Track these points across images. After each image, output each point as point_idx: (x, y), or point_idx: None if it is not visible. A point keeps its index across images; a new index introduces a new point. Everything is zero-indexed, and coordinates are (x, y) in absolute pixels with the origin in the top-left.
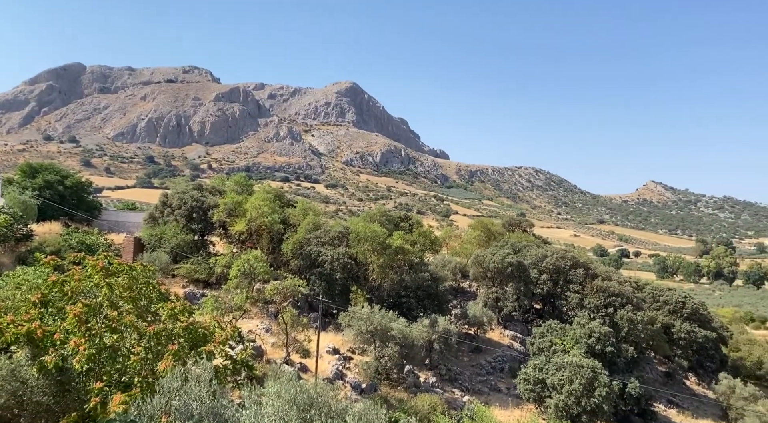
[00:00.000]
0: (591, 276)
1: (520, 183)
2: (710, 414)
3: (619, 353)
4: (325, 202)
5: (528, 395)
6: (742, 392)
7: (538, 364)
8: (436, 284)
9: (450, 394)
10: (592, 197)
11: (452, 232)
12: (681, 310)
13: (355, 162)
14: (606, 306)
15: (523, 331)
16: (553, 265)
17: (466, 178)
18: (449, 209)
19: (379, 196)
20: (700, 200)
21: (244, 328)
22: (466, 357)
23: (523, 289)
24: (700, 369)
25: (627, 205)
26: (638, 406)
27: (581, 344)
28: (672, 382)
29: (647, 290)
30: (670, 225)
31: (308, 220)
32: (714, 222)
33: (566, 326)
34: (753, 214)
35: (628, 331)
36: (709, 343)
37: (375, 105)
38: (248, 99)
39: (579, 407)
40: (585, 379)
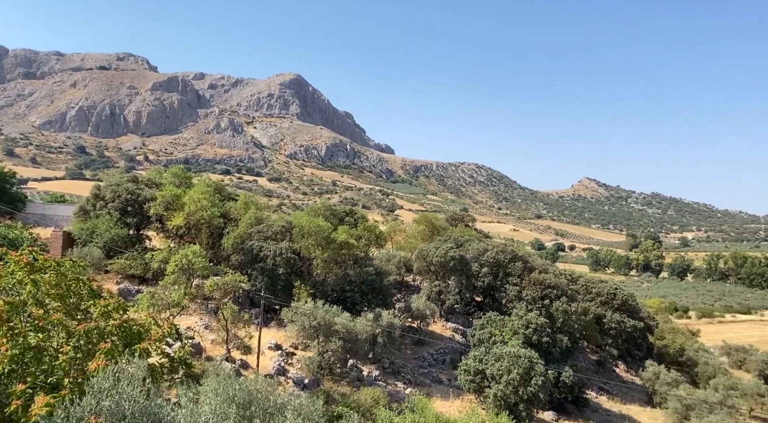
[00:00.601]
0: (529, 269)
1: (463, 179)
2: (637, 399)
3: (555, 343)
4: (268, 195)
5: (468, 386)
6: (665, 378)
7: (478, 355)
8: (380, 278)
9: (393, 387)
10: (531, 193)
11: (397, 227)
12: (612, 301)
13: (299, 155)
14: (543, 298)
15: (464, 323)
16: (493, 258)
17: (411, 173)
18: (394, 204)
19: (324, 190)
20: (630, 196)
21: (182, 324)
22: (409, 350)
23: (465, 283)
24: (629, 357)
25: (563, 201)
26: (572, 393)
27: (519, 335)
28: (603, 370)
29: (581, 282)
30: (602, 220)
31: (250, 214)
32: (643, 217)
33: (505, 318)
34: (678, 209)
35: (563, 321)
36: (637, 332)
37: (320, 98)
38: (187, 89)
39: (516, 396)
40: (522, 368)
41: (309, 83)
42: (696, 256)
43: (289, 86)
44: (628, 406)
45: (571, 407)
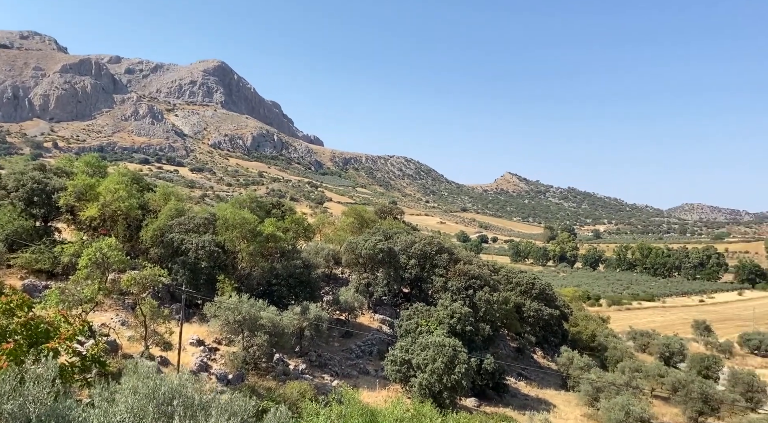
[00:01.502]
0: (454, 260)
1: (392, 172)
2: (553, 384)
3: (478, 332)
4: (191, 186)
5: (395, 376)
6: (578, 362)
7: (404, 345)
8: (308, 271)
9: (320, 380)
10: (457, 187)
11: (326, 219)
12: (531, 290)
13: (223, 145)
14: (467, 288)
15: (392, 314)
16: (420, 250)
17: (340, 166)
18: (323, 196)
19: (250, 181)
20: (548, 191)
21: (96, 321)
22: (337, 342)
23: (393, 274)
24: (546, 344)
25: (487, 195)
26: (493, 380)
27: (444, 325)
28: (522, 357)
29: (502, 273)
30: (523, 213)
31: (171, 205)
32: (560, 210)
33: (431, 308)
34: (591, 203)
35: (486, 310)
36: (553, 320)
37: (245, 86)
38: (102, 72)
39: (441, 384)
40: (447, 357)
41: (234, 71)
42: (607, 248)
43: (213, 73)
44: (545, 391)
45: (492, 393)
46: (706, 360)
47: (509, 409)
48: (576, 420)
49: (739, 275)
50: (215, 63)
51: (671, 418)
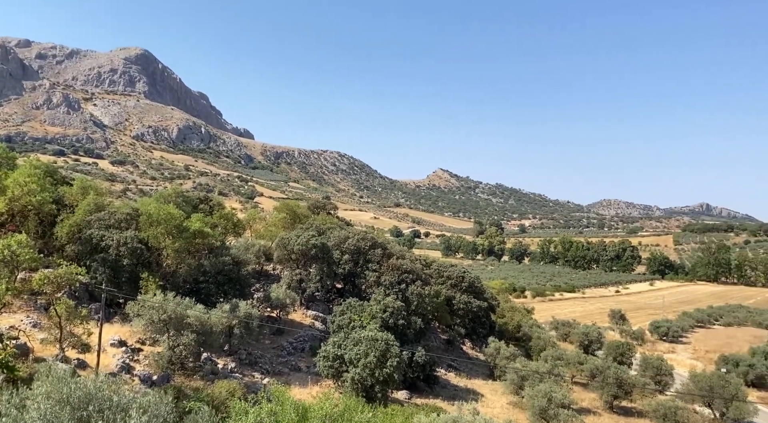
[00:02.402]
0: (387, 255)
1: (326, 167)
2: (481, 374)
3: (410, 325)
4: (111, 180)
5: (327, 372)
6: (505, 352)
7: (337, 340)
8: (238, 268)
9: (250, 378)
10: (391, 182)
11: (257, 215)
12: (461, 283)
13: (147, 137)
14: (399, 282)
15: (325, 310)
16: (354, 246)
17: (272, 160)
18: (254, 191)
19: (176, 175)
20: (478, 187)
21: (4, 324)
22: (268, 340)
23: (327, 270)
24: (474, 335)
25: (420, 190)
26: (424, 372)
27: (377, 319)
28: (452, 348)
29: (434, 267)
30: (454, 208)
31: (89, 200)
32: (488, 206)
33: (364, 303)
34: (518, 199)
35: (418, 304)
36: (482, 311)
37: (171, 76)
38: (9, 57)
39: (373, 378)
40: (379, 351)
41: (158, 60)
42: (532, 242)
43: (135, 61)
44: (473, 381)
45: (423, 385)
46: (621, 347)
47: (439, 399)
48: (502, 408)
49: (650, 267)
50: (138, 51)
51: (589, 403)
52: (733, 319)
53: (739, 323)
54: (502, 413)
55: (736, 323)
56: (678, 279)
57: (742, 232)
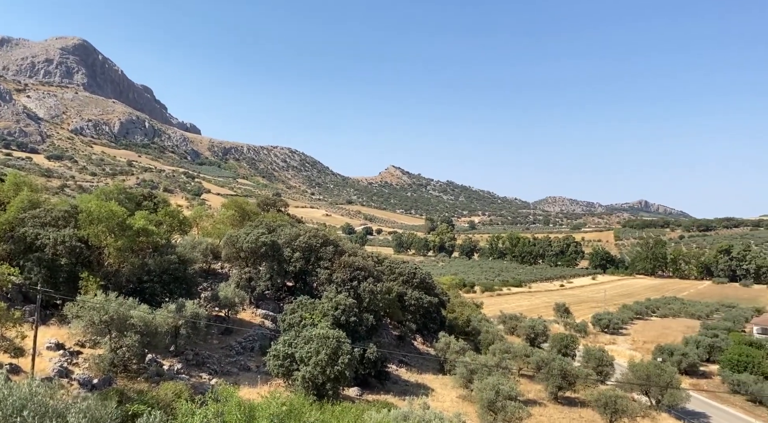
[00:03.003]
0: (339, 252)
1: (276, 163)
2: (431, 368)
3: (361, 322)
4: (47, 176)
5: (277, 371)
6: (454, 347)
7: (287, 339)
8: (184, 267)
9: (197, 379)
10: (343, 179)
11: (204, 212)
12: (412, 280)
13: (87, 131)
14: (351, 279)
15: (275, 308)
16: (305, 243)
17: (219, 156)
18: (201, 187)
19: (118, 171)
20: (429, 184)
21: None
22: (216, 339)
23: (277, 268)
24: (425, 330)
25: (372, 187)
26: (375, 368)
27: (329, 317)
28: (403, 344)
29: (386, 264)
30: (406, 205)
31: (23, 196)
32: (439, 203)
33: (316, 301)
34: (468, 196)
35: (369, 301)
36: (432, 307)
37: (112, 68)
38: None
39: (324, 376)
40: (330, 349)
41: (98, 51)
42: (481, 238)
43: (72, 52)
44: (424, 376)
45: (375, 381)
46: (565, 339)
47: (390, 395)
48: (452, 402)
49: (592, 261)
50: (75, 41)
51: (535, 394)
52: (669, 310)
53: (673, 314)
54: (452, 407)
55: (671, 315)
56: (618, 273)
57: (677, 227)
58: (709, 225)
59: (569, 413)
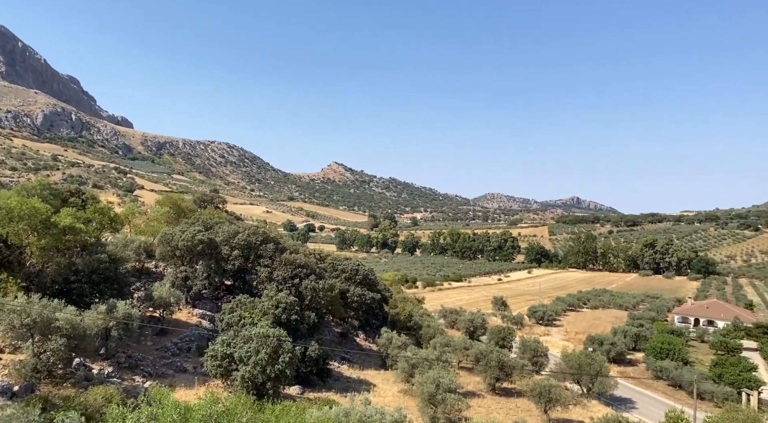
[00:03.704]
0: (280, 250)
1: (214, 158)
2: (374, 364)
3: (303, 320)
4: None
5: (215, 371)
6: (396, 342)
7: (226, 339)
8: (115, 266)
9: (130, 383)
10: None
11: (136, 209)
12: (355, 276)
13: (6, 123)
14: (293, 277)
15: (212, 308)
16: (244, 241)
17: (153, 150)
18: (133, 183)
19: (42, 165)
20: (372, 180)
21: None
22: (150, 341)
23: (215, 266)
24: (368, 326)
25: (314, 184)
26: (317, 366)
27: (269, 315)
28: (345, 341)
29: (328, 261)
30: (349, 202)
31: None
32: (382, 199)
33: (256, 299)
34: (410, 193)
35: (311, 298)
36: (375, 303)
37: (34, 56)
38: None
39: (264, 375)
40: (271, 348)
41: (18, 38)
42: (423, 234)
43: None
44: (366, 372)
45: (316, 379)
46: (502, 332)
47: (332, 392)
48: (393, 396)
49: (528, 256)
50: None
51: (474, 386)
52: (599, 302)
53: (603, 306)
54: (394, 401)
55: (601, 306)
56: (552, 267)
57: (606, 223)
58: (635, 220)
59: (506, 403)
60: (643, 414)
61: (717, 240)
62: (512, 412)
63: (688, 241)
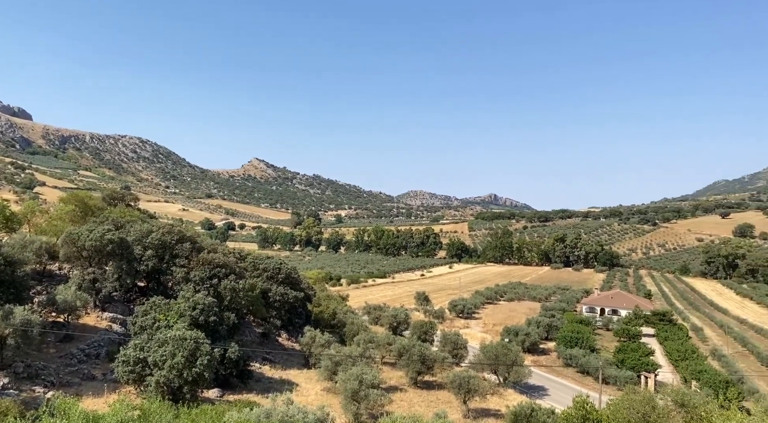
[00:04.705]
0: (197, 249)
1: (125, 153)
2: (296, 364)
3: (222, 321)
4: None
5: (127, 377)
6: (320, 340)
7: (139, 343)
8: (12, 269)
9: (29, 394)
10: (201, 171)
11: (37, 207)
12: (277, 275)
13: None
14: (211, 277)
15: (124, 311)
16: (159, 240)
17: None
18: (33, 180)
19: None
20: (295, 177)
21: None
22: (54, 348)
23: (126, 268)
24: (291, 326)
25: (234, 180)
26: (237, 368)
27: (186, 317)
28: (267, 341)
29: (249, 260)
30: (271, 199)
31: None
32: (306, 197)
33: (171, 301)
34: (334, 190)
35: (231, 299)
36: (298, 302)
37: None
38: None
39: (181, 379)
40: (188, 351)
41: None
42: (348, 231)
43: None
44: (288, 371)
45: (236, 381)
46: (424, 326)
47: (253, 394)
48: (317, 395)
49: (449, 251)
50: None
51: (397, 381)
52: (515, 294)
53: (519, 298)
54: (317, 400)
55: (516, 298)
56: (472, 261)
57: (521, 219)
58: (547, 216)
59: (427, 396)
60: (555, 400)
61: (620, 234)
62: (433, 404)
63: (594, 235)
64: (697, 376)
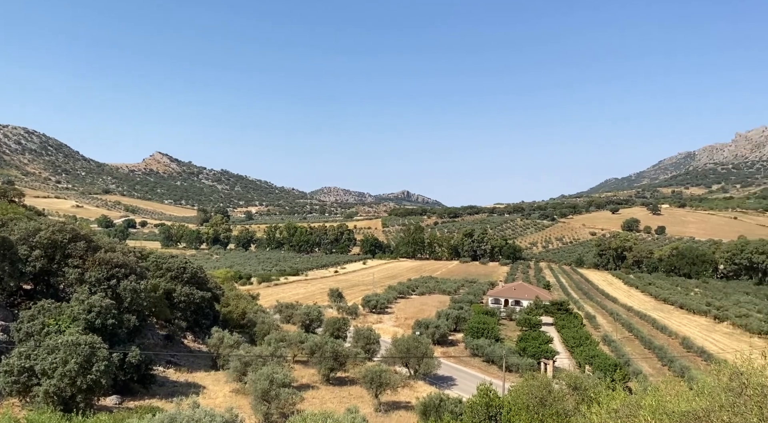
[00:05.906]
0: (93, 249)
1: (8, 145)
2: (203, 366)
3: (121, 324)
4: None
5: (11, 388)
6: (228, 341)
7: (24, 350)
8: None
9: None
10: (98, 165)
11: None
12: (182, 275)
13: None
14: (109, 278)
15: (7, 317)
16: (48, 239)
17: None
18: None
19: None
20: (201, 173)
21: None
22: None
23: (9, 269)
24: (197, 327)
25: (134, 175)
26: (138, 373)
27: (80, 321)
28: (172, 344)
29: (151, 259)
30: (175, 195)
31: None
32: (213, 193)
33: (63, 304)
34: (244, 186)
35: (131, 300)
36: (205, 302)
37: None
38: None
39: (74, 388)
40: (82, 357)
41: None
42: (258, 228)
43: None
44: (195, 374)
45: (138, 386)
46: (337, 323)
47: (156, 399)
48: (225, 397)
49: (363, 248)
50: None
51: (309, 379)
52: (426, 288)
53: (429, 292)
54: (225, 402)
55: (427, 292)
56: (385, 257)
57: (432, 215)
58: (456, 212)
59: (340, 392)
60: (462, 389)
61: (522, 229)
62: (345, 399)
63: (499, 230)
64: (590, 361)
